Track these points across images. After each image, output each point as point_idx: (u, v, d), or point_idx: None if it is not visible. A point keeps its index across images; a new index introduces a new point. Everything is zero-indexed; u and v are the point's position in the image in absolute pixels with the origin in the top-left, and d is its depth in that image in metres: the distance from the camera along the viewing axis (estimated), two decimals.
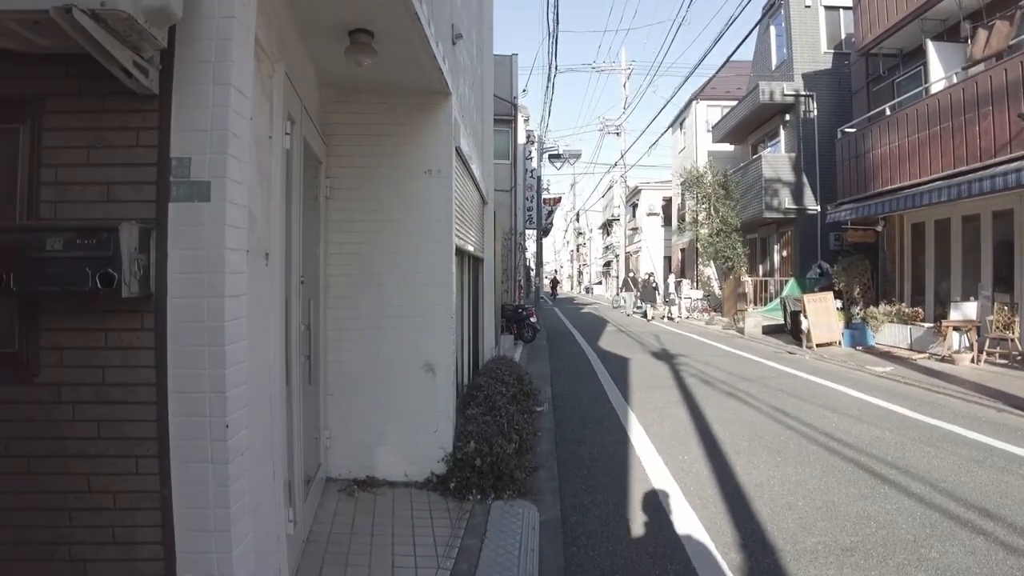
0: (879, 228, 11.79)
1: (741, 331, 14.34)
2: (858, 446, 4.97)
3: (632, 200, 34.38)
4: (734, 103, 19.08)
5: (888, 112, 10.70)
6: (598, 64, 27.12)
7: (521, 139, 19.08)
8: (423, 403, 3.95)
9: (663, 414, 6.23)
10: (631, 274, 22.66)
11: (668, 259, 29.94)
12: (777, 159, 15.76)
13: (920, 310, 10.52)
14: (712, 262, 18.98)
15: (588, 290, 51.39)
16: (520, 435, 4.70)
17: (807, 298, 11.38)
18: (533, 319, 12.10)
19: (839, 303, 11.71)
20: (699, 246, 19.00)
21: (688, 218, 19.72)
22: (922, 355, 9.52)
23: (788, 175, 15.40)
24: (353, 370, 3.92)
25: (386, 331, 3.93)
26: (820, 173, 14.93)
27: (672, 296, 18.74)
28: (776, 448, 4.96)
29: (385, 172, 3.95)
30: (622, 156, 28.83)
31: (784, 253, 16.76)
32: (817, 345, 11.04)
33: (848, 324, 11.44)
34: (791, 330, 12.32)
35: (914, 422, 5.78)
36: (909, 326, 10.31)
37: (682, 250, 25.51)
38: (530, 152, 20.77)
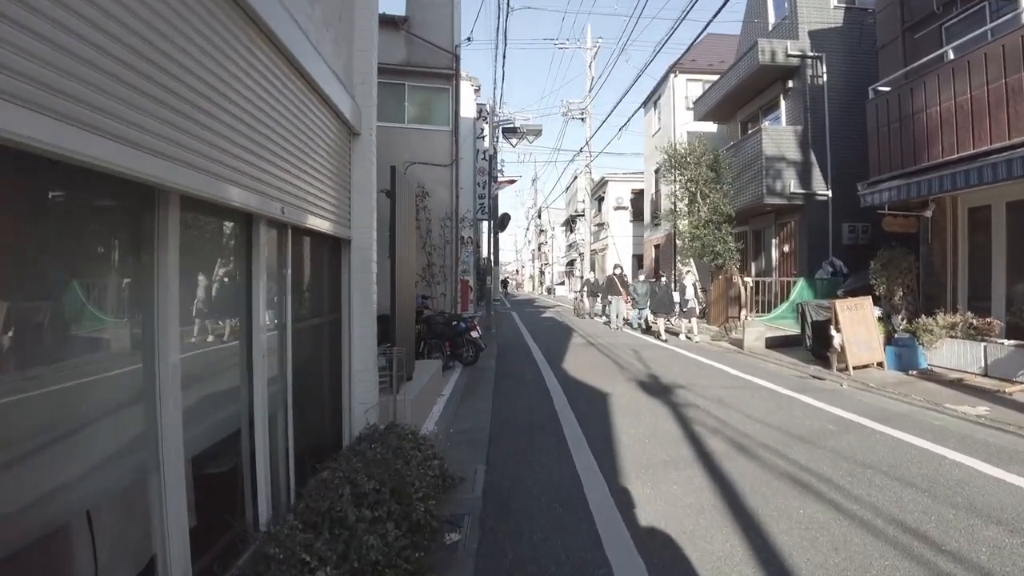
0: (928, 213, 9.03)
1: (738, 344, 11.49)
2: None
3: (598, 193, 31.58)
4: (716, 77, 16.36)
5: (952, 56, 7.94)
6: (560, 40, 24.18)
7: (470, 112, 15.99)
8: None
9: (704, 557, 3.12)
10: (618, 270, 16.59)
11: (639, 257, 27.22)
12: (781, 132, 12.96)
13: (995, 321, 7.79)
14: (693, 260, 16.10)
15: (550, 291, 48.50)
16: None
17: (839, 305, 8.53)
18: (474, 333, 8.94)
19: (878, 311, 8.94)
20: (679, 240, 16.12)
21: (666, 207, 16.79)
22: (1016, 386, 6.77)
23: (794, 153, 12.64)
24: None
25: None
26: (832, 152, 12.25)
27: (692, 304, 13.26)
28: None
29: None
30: (587, 142, 25.89)
31: (785, 248, 14.02)
32: (854, 368, 8.23)
33: (889, 339, 8.67)
34: (811, 346, 9.49)
35: None
36: (982, 343, 7.58)
37: (656, 246, 22.72)
38: (482, 130, 17.64)
